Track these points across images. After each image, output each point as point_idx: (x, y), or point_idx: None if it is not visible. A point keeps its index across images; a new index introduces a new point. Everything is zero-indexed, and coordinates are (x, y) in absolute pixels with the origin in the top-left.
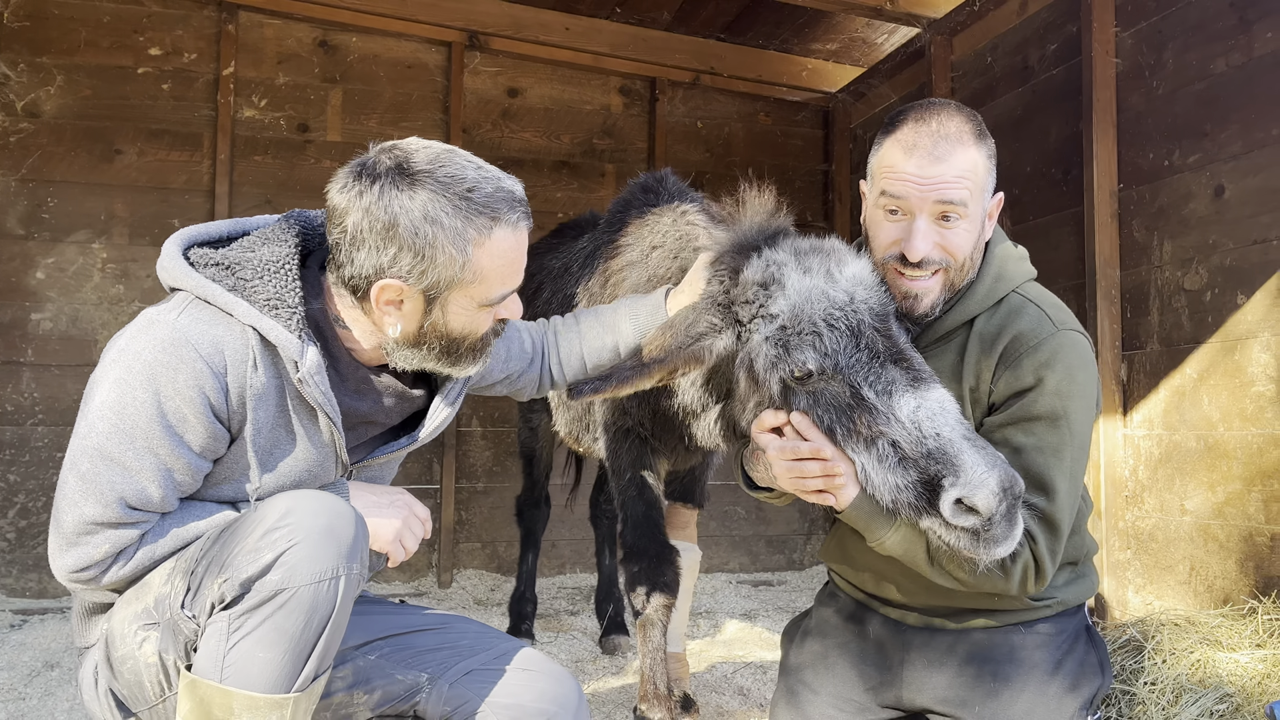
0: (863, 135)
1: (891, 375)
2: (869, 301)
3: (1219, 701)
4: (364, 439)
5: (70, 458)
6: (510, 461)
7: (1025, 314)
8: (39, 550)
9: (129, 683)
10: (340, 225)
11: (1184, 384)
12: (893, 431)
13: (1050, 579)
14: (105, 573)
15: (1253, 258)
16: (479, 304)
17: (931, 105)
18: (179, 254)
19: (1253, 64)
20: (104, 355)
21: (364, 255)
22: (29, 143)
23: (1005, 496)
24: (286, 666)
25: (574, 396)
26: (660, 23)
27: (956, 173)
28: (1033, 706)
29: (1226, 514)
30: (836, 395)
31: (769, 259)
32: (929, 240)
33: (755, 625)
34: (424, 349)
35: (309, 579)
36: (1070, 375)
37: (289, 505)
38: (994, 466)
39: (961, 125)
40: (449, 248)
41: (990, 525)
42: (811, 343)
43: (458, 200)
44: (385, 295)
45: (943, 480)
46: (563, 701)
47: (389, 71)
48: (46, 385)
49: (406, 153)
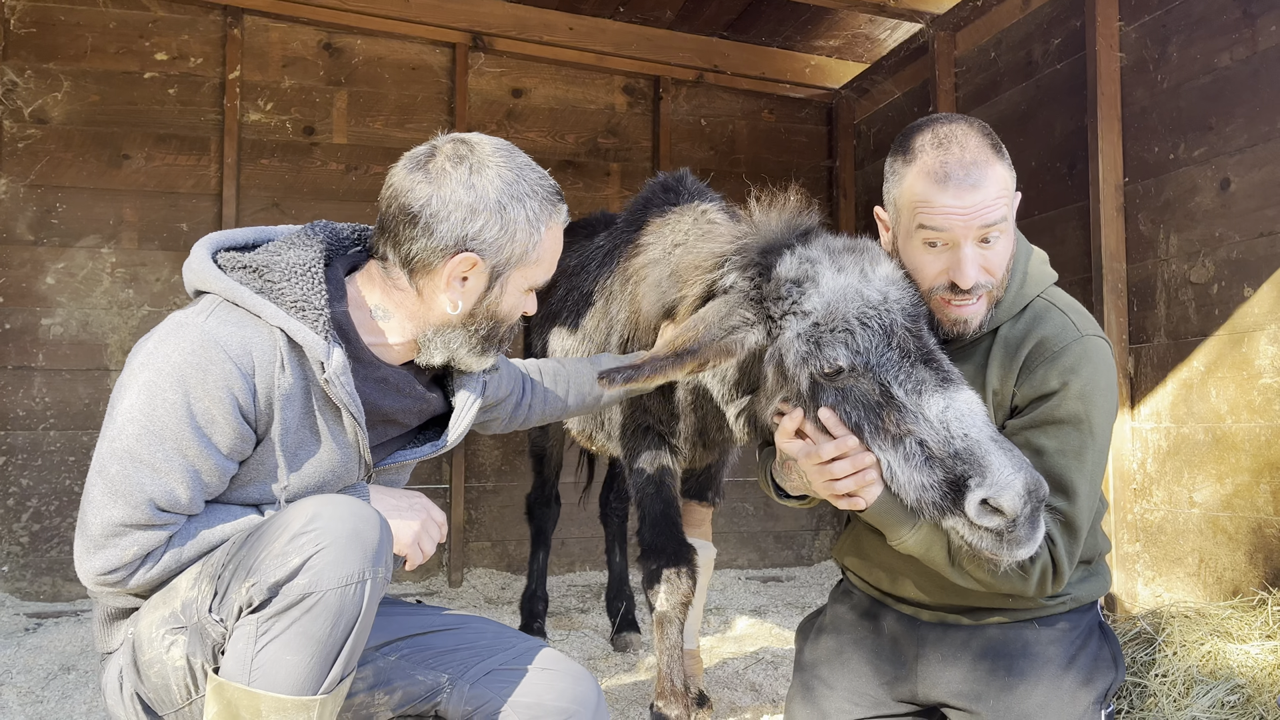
0: (866, 131)
1: (921, 375)
2: (902, 301)
3: (1230, 693)
4: (384, 439)
5: (98, 461)
6: (520, 460)
7: (1050, 319)
8: (53, 554)
9: (156, 686)
10: (406, 205)
11: (1191, 377)
12: (921, 430)
13: (1067, 581)
14: (133, 575)
15: (1259, 250)
16: (529, 285)
17: (944, 126)
18: (208, 257)
19: (1257, 57)
20: (130, 359)
21: (445, 228)
22: (37, 149)
23: (1030, 499)
24: (313, 669)
25: (608, 384)
26: (663, 21)
27: (994, 195)
28: (1047, 700)
29: (1235, 506)
30: (866, 393)
31: (803, 255)
32: (976, 265)
33: (765, 621)
34: (470, 330)
35: (336, 583)
36: (1094, 380)
37: (315, 510)
38: (1020, 469)
39: (980, 143)
40: (528, 226)
41: (1014, 527)
42: (844, 340)
43: (534, 185)
44: (460, 269)
45: (969, 480)
46: (583, 700)
47: (394, 73)
48: (58, 390)
49: (477, 141)
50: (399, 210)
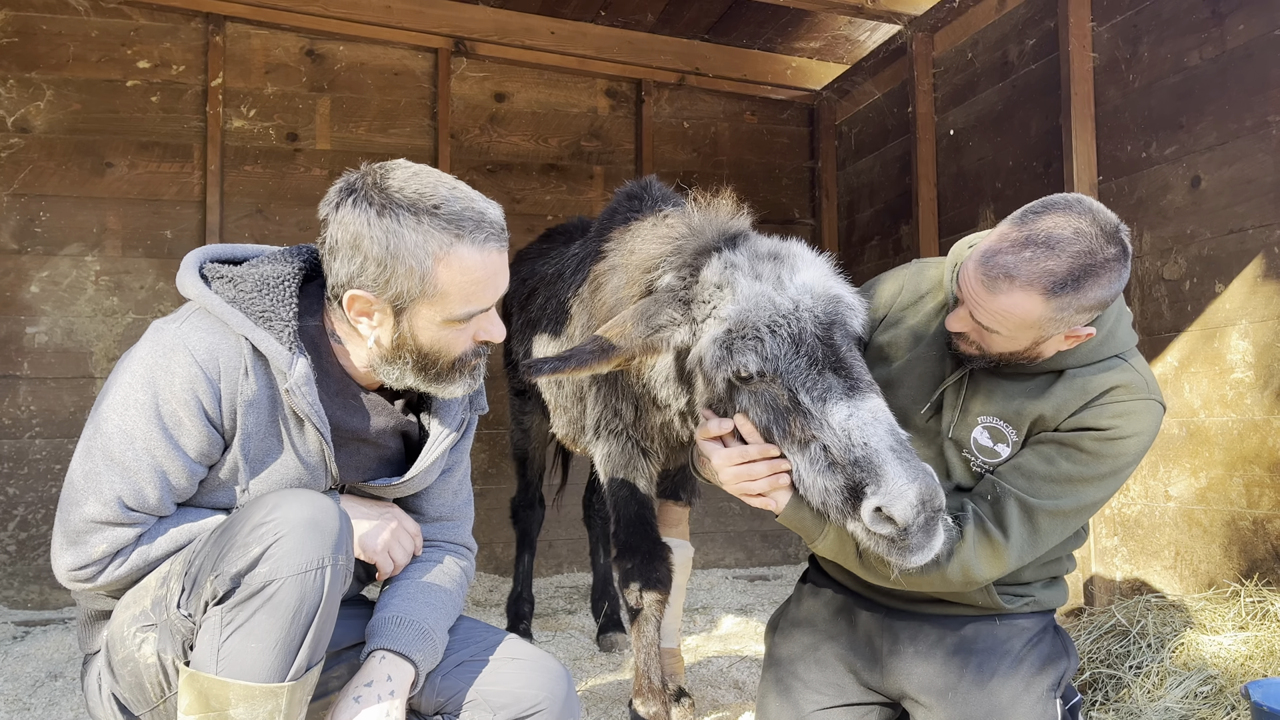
0: (848, 132)
1: (829, 382)
2: (814, 310)
3: (1203, 684)
4: (363, 462)
5: (76, 458)
6: (506, 463)
7: (1128, 375)
8: (40, 562)
9: (130, 685)
10: (322, 237)
11: (1165, 372)
12: (824, 436)
13: (992, 576)
14: (102, 572)
15: (1230, 247)
16: (444, 319)
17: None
18: (194, 266)
19: (1225, 56)
20: (118, 362)
21: (338, 265)
22: (20, 158)
23: (924, 509)
24: (279, 656)
25: (530, 375)
26: (645, 25)
27: (1008, 317)
28: (1004, 685)
29: (1209, 499)
30: (775, 398)
31: (727, 261)
32: (961, 323)
33: (751, 620)
34: (400, 363)
35: (295, 570)
36: (1138, 441)
37: (275, 501)
38: (915, 479)
39: (1042, 272)
40: (409, 260)
41: (906, 535)
42: (754, 347)
43: (422, 215)
44: (356, 306)
45: (865, 488)
46: (551, 687)
47: (376, 79)
48: (43, 398)
49: (386, 171)
50: (319, 241)
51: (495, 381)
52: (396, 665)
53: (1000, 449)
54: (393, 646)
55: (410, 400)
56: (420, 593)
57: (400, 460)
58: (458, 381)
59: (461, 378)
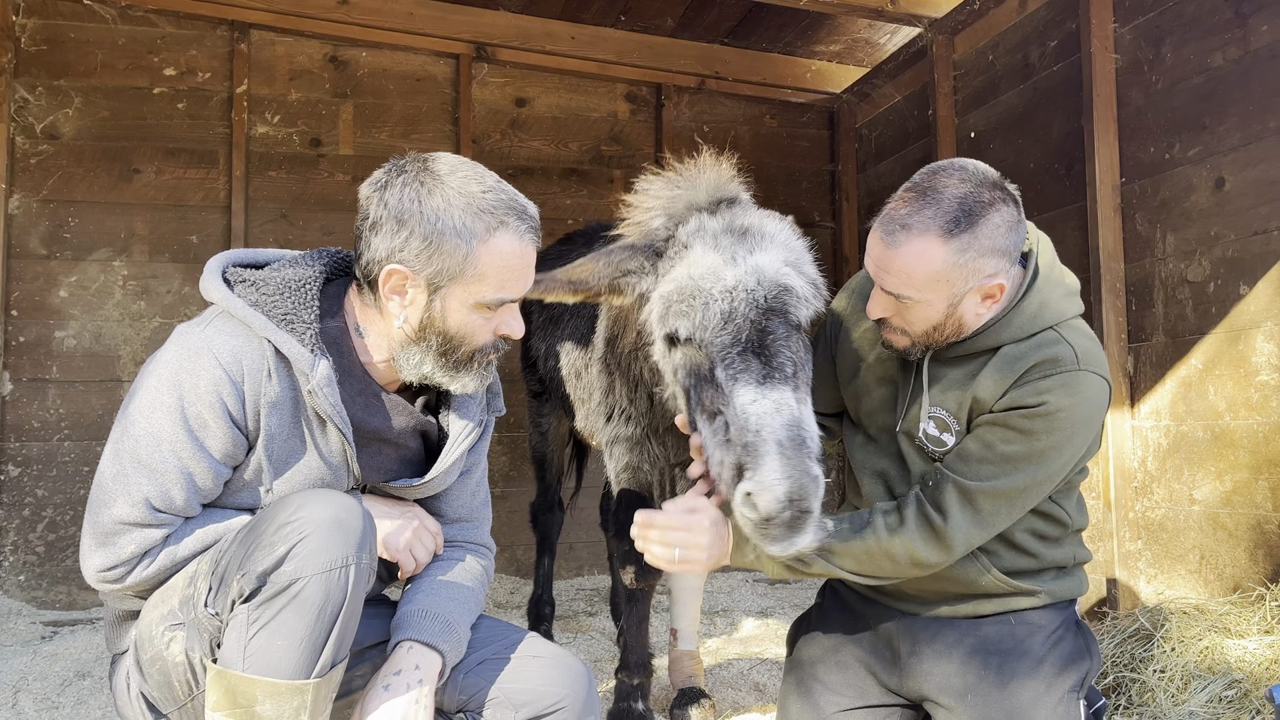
0: (868, 135)
1: (746, 364)
2: (756, 293)
3: (1227, 688)
4: (384, 462)
5: (104, 460)
6: (526, 467)
7: (1055, 347)
8: (68, 563)
9: (158, 683)
10: (363, 214)
11: (1190, 375)
12: (728, 413)
13: (942, 559)
14: (131, 572)
15: (1254, 248)
16: (475, 303)
17: (926, 180)
18: (217, 271)
19: (1249, 57)
20: (144, 365)
21: (379, 240)
22: (49, 164)
23: (790, 507)
24: (304, 653)
25: None
26: (664, 29)
27: (909, 272)
28: (1024, 685)
29: (1235, 503)
30: (699, 365)
31: (699, 224)
32: (880, 306)
33: (771, 622)
34: (424, 346)
35: (320, 568)
36: (1070, 411)
37: (299, 501)
38: (788, 477)
39: (934, 214)
40: (454, 238)
41: (768, 526)
42: (686, 312)
43: (470, 199)
44: (391, 281)
45: (745, 471)
46: (572, 685)
47: (398, 85)
48: (72, 401)
49: (433, 158)
50: (358, 222)
51: (514, 385)
52: (424, 655)
53: (946, 438)
54: (420, 637)
55: (429, 402)
56: (443, 588)
57: (420, 461)
58: (473, 372)
59: (476, 370)
